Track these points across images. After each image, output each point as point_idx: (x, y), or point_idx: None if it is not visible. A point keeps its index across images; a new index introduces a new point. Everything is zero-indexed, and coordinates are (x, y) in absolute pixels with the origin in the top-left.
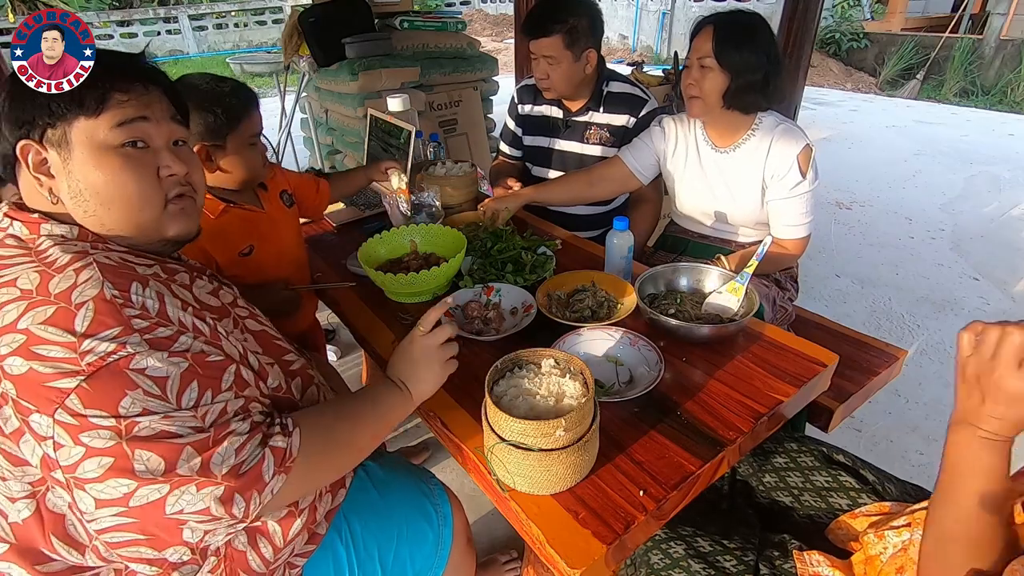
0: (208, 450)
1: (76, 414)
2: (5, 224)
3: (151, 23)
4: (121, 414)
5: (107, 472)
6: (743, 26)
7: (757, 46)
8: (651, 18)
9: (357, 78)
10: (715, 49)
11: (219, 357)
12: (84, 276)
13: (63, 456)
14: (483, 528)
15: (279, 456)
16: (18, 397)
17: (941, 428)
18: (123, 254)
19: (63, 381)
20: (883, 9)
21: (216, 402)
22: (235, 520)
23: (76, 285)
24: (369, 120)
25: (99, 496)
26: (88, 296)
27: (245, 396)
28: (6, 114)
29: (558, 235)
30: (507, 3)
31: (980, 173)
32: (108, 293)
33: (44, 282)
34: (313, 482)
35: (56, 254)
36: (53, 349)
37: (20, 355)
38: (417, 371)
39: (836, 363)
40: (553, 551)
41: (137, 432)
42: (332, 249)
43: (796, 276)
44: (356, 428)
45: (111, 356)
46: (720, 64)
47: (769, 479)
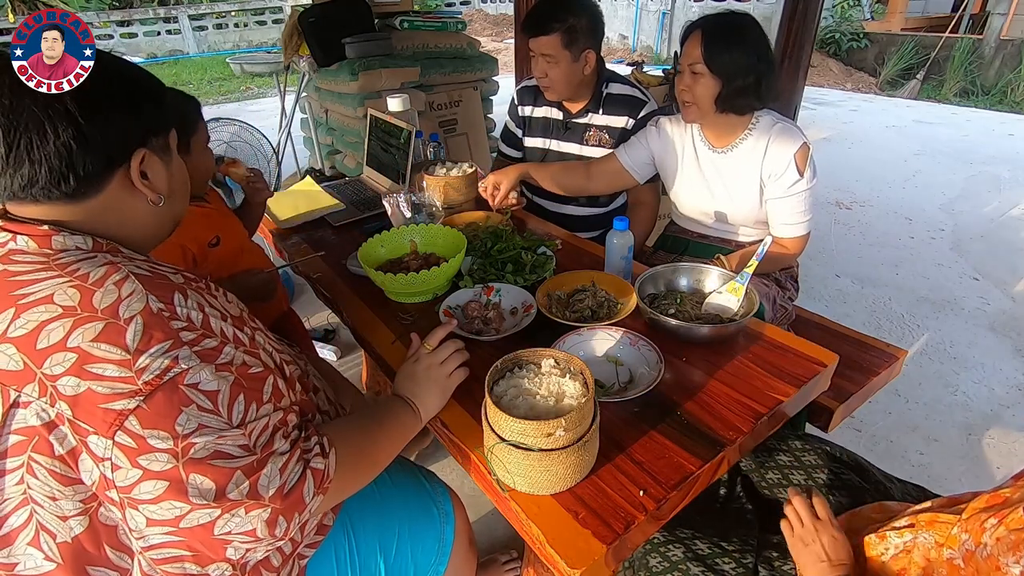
0: (255, 473)
1: (135, 436)
2: (3, 238)
3: (151, 23)
4: (178, 432)
5: (163, 495)
6: (732, 29)
7: (747, 48)
8: (651, 18)
9: (357, 78)
10: (704, 54)
11: (259, 368)
12: (127, 289)
13: (120, 477)
14: (483, 528)
15: (319, 478)
16: (75, 418)
17: (941, 428)
18: (146, 262)
19: (121, 402)
20: (883, 9)
21: (260, 417)
22: (276, 539)
23: (121, 299)
24: (369, 120)
25: (151, 516)
26: (135, 310)
27: (282, 408)
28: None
29: (558, 235)
30: (507, 3)
31: (980, 173)
32: (154, 306)
33: (86, 297)
34: (340, 497)
35: (86, 267)
36: (108, 368)
37: (74, 375)
38: (421, 389)
39: (836, 363)
40: (553, 551)
41: (193, 454)
42: (332, 249)
43: (796, 276)
44: (378, 444)
45: (167, 373)
46: (710, 69)
47: (772, 476)
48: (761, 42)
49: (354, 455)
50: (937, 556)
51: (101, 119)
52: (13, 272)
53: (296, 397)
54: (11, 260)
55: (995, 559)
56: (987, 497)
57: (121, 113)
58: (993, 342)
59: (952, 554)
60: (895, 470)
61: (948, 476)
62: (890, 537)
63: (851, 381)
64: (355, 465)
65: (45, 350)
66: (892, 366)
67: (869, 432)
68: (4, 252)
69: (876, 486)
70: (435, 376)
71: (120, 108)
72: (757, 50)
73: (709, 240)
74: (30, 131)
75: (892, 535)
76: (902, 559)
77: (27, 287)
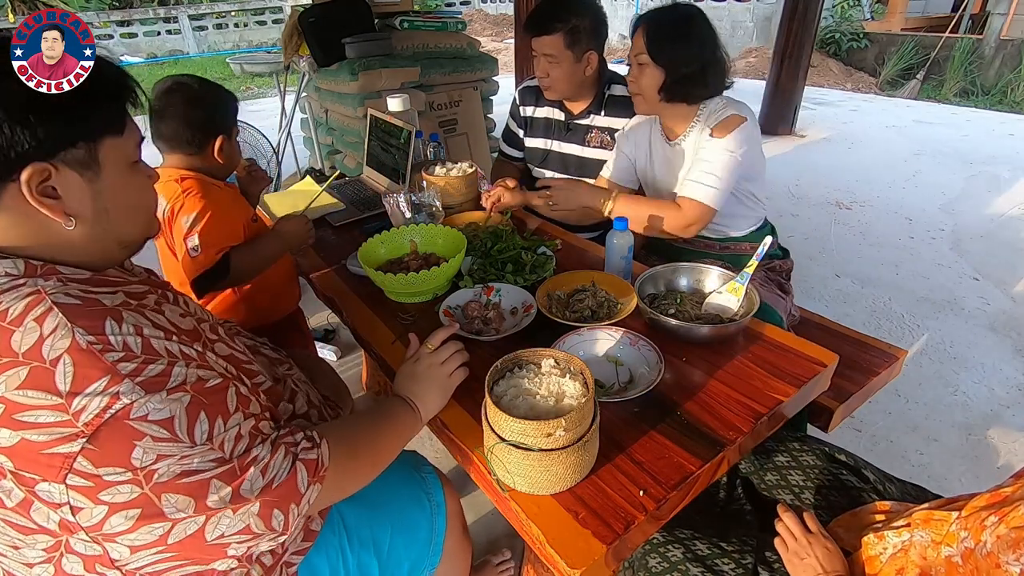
0: (236, 478)
1: (89, 475)
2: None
3: (151, 23)
4: (135, 466)
5: (137, 522)
6: (675, 20)
7: (691, 39)
8: None
9: (357, 78)
10: (647, 46)
11: (217, 380)
12: (49, 325)
13: (84, 518)
14: (483, 528)
15: (311, 467)
16: (17, 469)
17: (941, 428)
18: (81, 284)
19: (64, 446)
20: (883, 9)
21: (229, 428)
22: (276, 533)
23: (43, 338)
24: (369, 120)
25: (133, 544)
26: (61, 349)
27: (253, 414)
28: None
29: (558, 235)
30: (507, 3)
31: (980, 173)
32: (82, 340)
33: (4, 340)
34: (341, 492)
35: (7, 301)
36: (41, 414)
37: (5, 426)
38: (421, 389)
39: (836, 363)
40: (553, 551)
41: (158, 479)
42: (332, 249)
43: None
44: (378, 443)
45: (108, 411)
46: (654, 60)
47: (771, 477)
48: (706, 32)
49: (352, 453)
50: (935, 555)
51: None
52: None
53: (262, 403)
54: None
55: (995, 557)
56: (987, 495)
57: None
58: (993, 342)
59: (950, 552)
60: (895, 470)
61: (948, 476)
62: (888, 537)
63: (851, 381)
64: (354, 462)
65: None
66: (892, 366)
67: (869, 432)
68: None
69: (875, 486)
70: (436, 376)
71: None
72: (701, 40)
73: (692, 245)
74: None
75: (890, 535)
76: (900, 559)
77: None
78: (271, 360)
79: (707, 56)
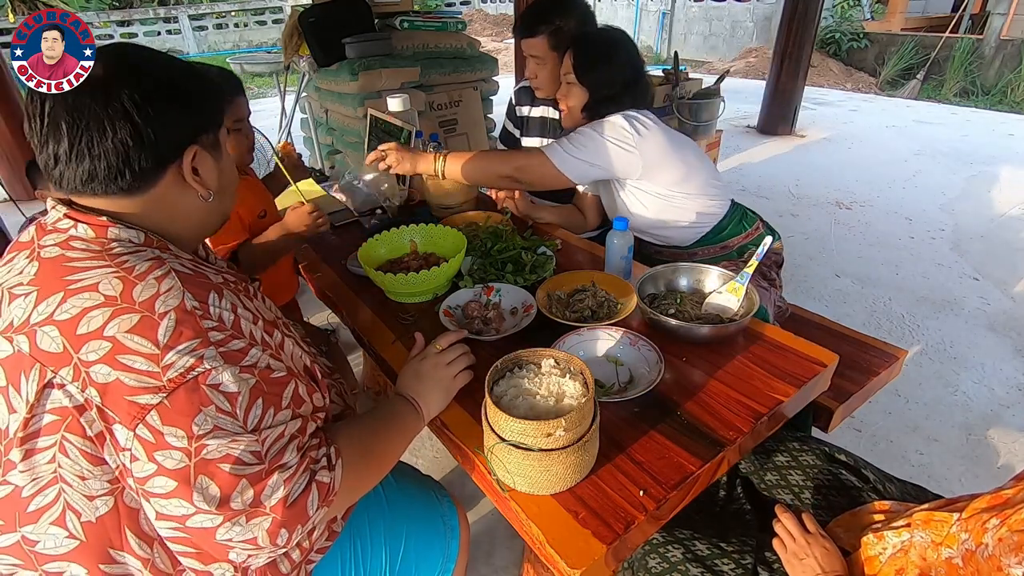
0: (261, 481)
1: (155, 431)
2: (66, 225)
3: (151, 23)
4: (194, 432)
5: (172, 492)
6: (599, 46)
7: (614, 63)
8: (651, 18)
9: (357, 78)
10: (575, 67)
11: (281, 373)
12: (166, 285)
13: (137, 469)
14: (483, 528)
15: (323, 491)
16: (103, 405)
17: (941, 428)
18: (191, 261)
19: (145, 397)
20: (883, 9)
21: (276, 424)
22: (277, 549)
23: (159, 294)
24: (369, 120)
25: (161, 510)
26: (170, 306)
27: (302, 415)
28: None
29: (558, 235)
30: (507, 3)
31: (980, 173)
32: (189, 304)
33: (128, 289)
34: (346, 503)
35: (133, 260)
36: (137, 360)
37: (107, 363)
38: (425, 387)
39: (836, 363)
40: (553, 551)
41: (205, 455)
42: (332, 249)
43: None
44: (383, 446)
45: (190, 372)
46: (580, 81)
47: (771, 477)
48: (629, 57)
49: (360, 459)
50: (935, 556)
51: (156, 118)
52: (69, 258)
53: (326, 402)
54: (70, 247)
55: (997, 560)
56: (988, 497)
57: (174, 113)
58: (993, 342)
59: (951, 553)
60: (895, 470)
61: (948, 476)
62: (887, 537)
63: (851, 381)
64: (361, 469)
65: (84, 336)
66: (892, 366)
67: (869, 432)
68: (65, 238)
69: (875, 486)
70: (440, 376)
71: (173, 108)
72: (623, 64)
73: (663, 254)
74: (91, 128)
75: (889, 535)
76: (899, 559)
77: (78, 273)
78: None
79: (629, 79)
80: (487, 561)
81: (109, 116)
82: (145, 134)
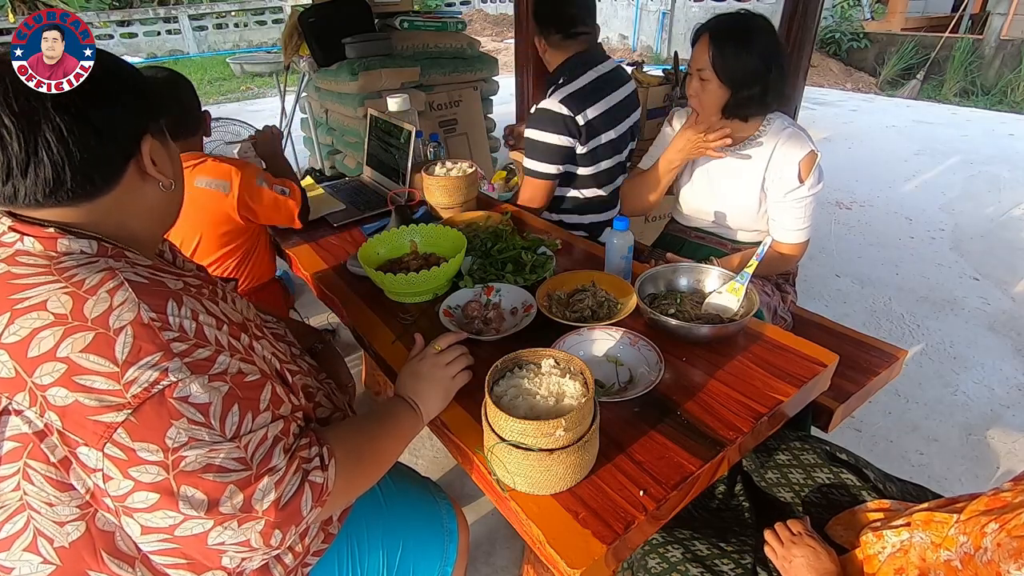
0: (250, 486)
1: (125, 448)
2: (11, 239)
3: (151, 23)
4: (168, 446)
5: (155, 505)
6: (740, 33)
7: (756, 54)
8: (651, 18)
9: (357, 78)
10: (712, 61)
11: (255, 376)
12: (119, 298)
13: (112, 487)
14: (483, 528)
15: (317, 491)
16: (64, 429)
17: (941, 428)
18: (147, 268)
19: (109, 415)
20: (883, 9)
21: (256, 428)
22: (272, 550)
23: (112, 309)
24: (369, 120)
25: (146, 524)
26: (126, 320)
27: (282, 416)
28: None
29: (558, 235)
30: (507, 3)
31: (980, 173)
32: (145, 316)
33: (78, 306)
34: (339, 506)
35: (83, 274)
36: (96, 380)
37: (63, 385)
38: (424, 388)
39: (836, 363)
40: (553, 551)
41: (184, 467)
42: (332, 249)
43: (795, 279)
44: (379, 447)
45: (155, 386)
46: (718, 76)
47: (771, 475)
48: (771, 46)
49: (355, 460)
50: (934, 557)
51: (109, 112)
52: (15, 275)
53: (300, 402)
54: (15, 262)
55: (996, 564)
56: (986, 499)
57: (126, 105)
58: (993, 342)
59: (949, 556)
60: (895, 470)
61: (948, 476)
62: (887, 536)
63: (851, 381)
64: (356, 470)
65: (36, 359)
66: (892, 366)
67: (869, 432)
68: (11, 253)
69: (875, 485)
70: (439, 376)
71: (124, 100)
72: (767, 54)
73: (705, 240)
74: (45, 132)
75: (889, 534)
76: (899, 559)
77: (25, 291)
78: (311, 367)
79: (773, 73)
80: (487, 561)
81: (64, 117)
82: (104, 130)
